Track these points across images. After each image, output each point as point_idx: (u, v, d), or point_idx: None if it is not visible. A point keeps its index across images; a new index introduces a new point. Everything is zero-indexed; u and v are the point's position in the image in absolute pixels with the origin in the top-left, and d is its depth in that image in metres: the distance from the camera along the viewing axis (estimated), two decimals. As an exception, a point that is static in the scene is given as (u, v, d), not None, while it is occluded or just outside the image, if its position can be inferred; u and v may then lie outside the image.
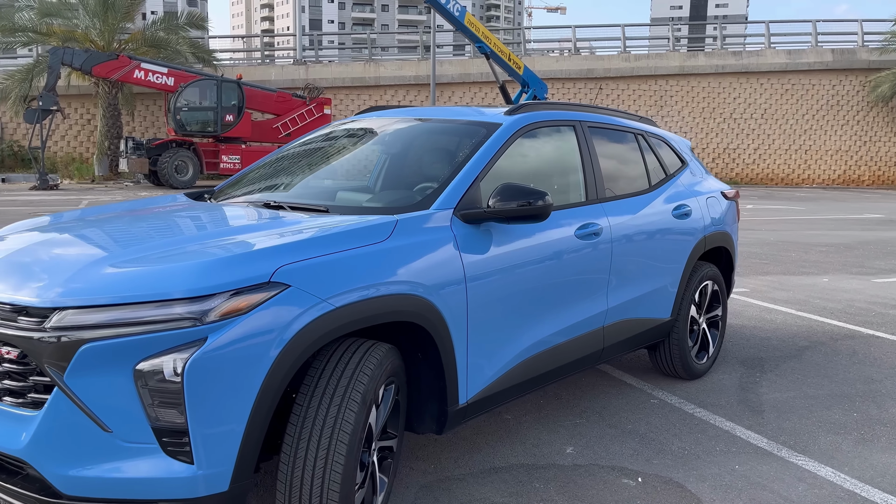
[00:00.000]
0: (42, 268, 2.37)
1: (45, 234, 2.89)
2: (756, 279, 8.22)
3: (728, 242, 4.81)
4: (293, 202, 3.13)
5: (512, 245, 3.10)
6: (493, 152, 3.23)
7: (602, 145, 3.99)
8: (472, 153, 3.21)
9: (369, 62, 29.07)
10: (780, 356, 5.20)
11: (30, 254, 2.54)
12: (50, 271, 2.32)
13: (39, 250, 2.59)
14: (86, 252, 2.48)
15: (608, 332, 3.75)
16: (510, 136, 3.36)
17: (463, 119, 3.60)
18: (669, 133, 4.81)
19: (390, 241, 2.63)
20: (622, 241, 3.76)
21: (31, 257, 2.50)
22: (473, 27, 22.09)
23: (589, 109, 4.07)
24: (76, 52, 20.31)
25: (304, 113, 23.09)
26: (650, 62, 29.68)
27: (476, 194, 3.04)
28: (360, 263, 2.48)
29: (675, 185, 4.43)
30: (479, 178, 3.10)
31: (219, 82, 21.39)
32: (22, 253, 2.55)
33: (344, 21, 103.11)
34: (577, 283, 3.47)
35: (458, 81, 29.13)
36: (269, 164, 3.83)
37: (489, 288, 2.95)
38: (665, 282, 4.18)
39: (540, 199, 2.96)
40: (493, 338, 3.01)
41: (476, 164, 3.14)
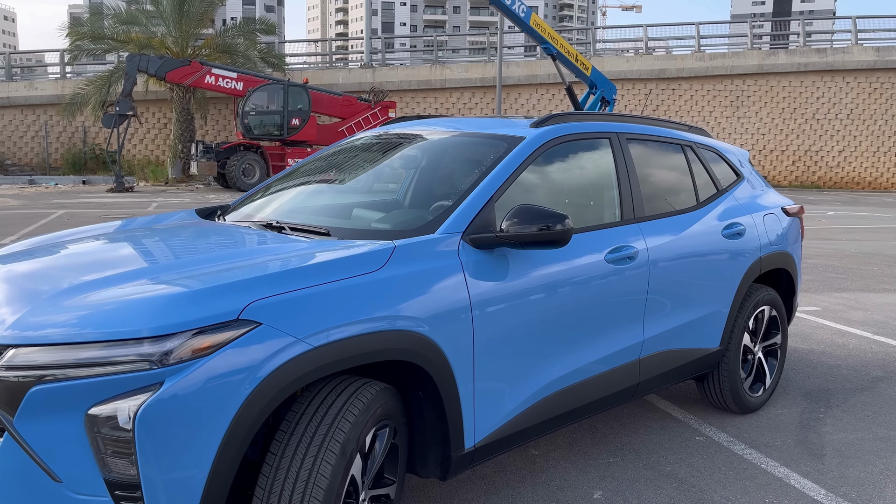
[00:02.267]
0: (6, 299, 2.24)
1: (24, 261, 2.77)
2: (830, 296, 7.61)
3: (789, 264, 4.37)
4: (296, 223, 2.93)
5: (530, 272, 2.82)
6: (513, 169, 2.96)
7: (643, 159, 3.65)
8: (488, 171, 2.94)
9: (435, 65, 28.98)
10: (850, 388, 4.71)
11: (5, 282, 2.42)
12: (11, 303, 2.18)
13: (15, 279, 2.47)
14: (51, 283, 2.34)
15: (644, 364, 3.41)
16: (533, 152, 3.08)
17: (486, 132, 3.33)
18: (724, 143, 4.41)
19: (384, 270, 2.40)
20: (661, 264, 3.42)
21: (4, 286, 2.38)
22: (539, 28, 21.68)
23: (629, 119, 3.73)
24: (151, 59, 20.94)
25: (368, 116, 23.17)
26: (726, 61, 28.53)
27: (490, 216, 2.77)
28: (346, 297, 2.25)
29: (727, 202, 4.03)
30: (493, 198, 2.83)
31: (285, 86, 21.68)
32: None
33: (416, 24, 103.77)
34: (607, 312, 3.16)
35: (524, 83, 28.72)
36: (288, 177, 3.66)
37: (501, 320, 2.68)
38: (713, 308, 3.80)
39: (559, 223, 2.67)
40: (506, 375, 2.74)
41: (491, 182, 2.87)
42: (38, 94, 28.01)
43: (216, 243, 2.78)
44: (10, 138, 28.52)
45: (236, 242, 2.79)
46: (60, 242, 3.02)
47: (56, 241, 3.05)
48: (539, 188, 3.19)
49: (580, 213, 3.27)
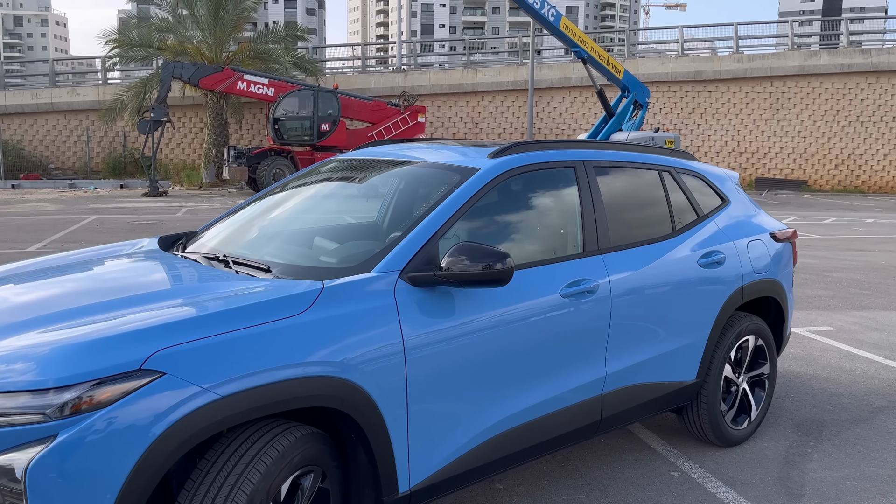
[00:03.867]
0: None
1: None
2: (847, 315, 7.35)
3: (777, 291, 4.21)
4: (242, 256, 2.92)
5: (476, 310, 2.76)
6: (461, 204, 2.90)
7: (613, 187, 3.56)
8: (435, 205, 2.89)
9: (467, 68, 28.92)
10: (847, 420, 4.52)
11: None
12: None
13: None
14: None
15: (608, 400, 3.32)
16: (486, 184, 3.01)
17: (442, 163, 3.27)
18: (710, 166, 4.27)
19: (309, 313, 2.36)
20: (626, 297, 3.32)
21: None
22: (569, 32, 21.48)
23: (599, 146, 3.64)
24: (185, 66, 21.32)
25: (398, 121, 23.24)
26: (766, 62, 27.85)
27: (433, 253, 2.72)
28: (263, 343, 2.22)
29: (707, 228, 3.90)
30: (438, 234, 2.77)
31: (315, 92, 21.87)
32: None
33: (455, 25, 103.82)
34: (563, 348, 3.07)
35: (557, 86, 28.47)
36: (253, 204, 3.65)
37: (441, 362, 2.63)
38: (687, 340, 3.68)
39: (500, 262, 2.61)
40: (447, 417, 2.68)
41: (437, 217, 2.82)
42: (80, 99, 28.79)
43: (144, 283, 2.78)
44: (53, 143, 29.38)
45: (165, 282, 2.78)
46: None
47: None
48: (493, 222, 3.13)
49: (538, 247, 3.19)
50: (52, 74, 30.11)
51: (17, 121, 29.20)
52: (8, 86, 31.54)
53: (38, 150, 29.34)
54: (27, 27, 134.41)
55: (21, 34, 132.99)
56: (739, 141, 28.53)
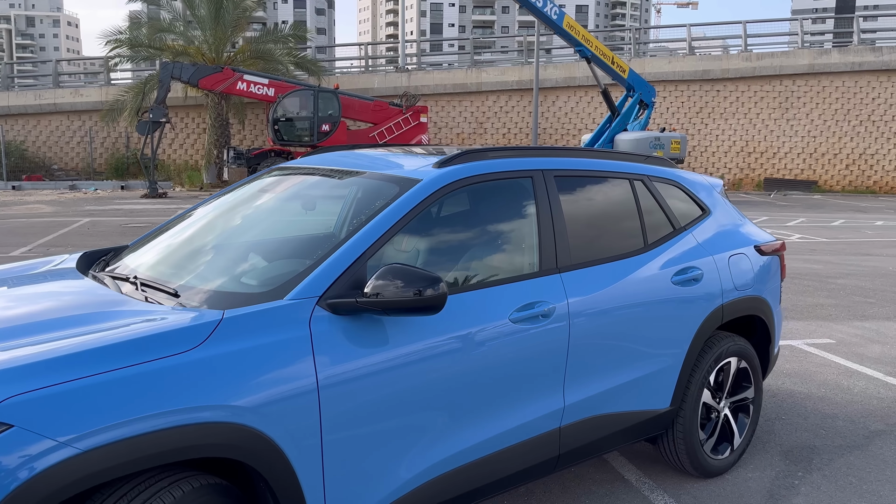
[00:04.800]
0: None
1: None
2: (850, 325, 6.99)
3: (762, 309, 3.89)
4: (152, 279, 2.65)
5: (408, 340, 2.47)
6: (396, 219, 2.61)
7: (576, 198, 3.26)
8: (366, 221, 2.60)
9: (471, 68, 28.61)
10: (840, 446, 4.20)
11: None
12: None
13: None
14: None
15: (568, 434, 3.02)
16: (426, 198, 2.72)
17: (382, 173, 2.98)
18: (690, 174, 3.95)
19: (202, 349, 2.08)
20: (588, 320, 3.02)
21: None
22: (573, 30, 21.13)
23: (561, 154, 3.33)
24: (184, 66, 21.13)
25: (400, 122, 22.98)
26: (775, 61, 27.37)
27: (359, 277, 2.44)
28: (139, 386, 1.94)
29: (684, 242, 3.59)
30: (366, 255, 2.49)
31: (316, 92, 21.63)
32: None
33: (464, 24, 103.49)
34: (512, 379, 2.78)
35: (562, 86, 28.12)
36: (187, 217, 3.36)
37: (363, 400, 2.34)
38: (659, 365, 3.37)
39: (431, 287, 2.32)
40: (372, 461, 2.40)
41: (365, 236, 2.53)
42: (83, 100, 28.72)
43: (19, 315, 2.47)
44: (56, 144, 29.32)
45: (45, 312, 2.48)
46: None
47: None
48: (437, 239, 2.84)
49: (487, 267, 2.90)
50: (56, 75, 30.05)
51: (20, 121, 29.16)
52: (20, 86, 31.55)
53: (42, 151, 29.29)
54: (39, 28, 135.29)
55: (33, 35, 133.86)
56: (748, 141, 28.07)
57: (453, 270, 2.81)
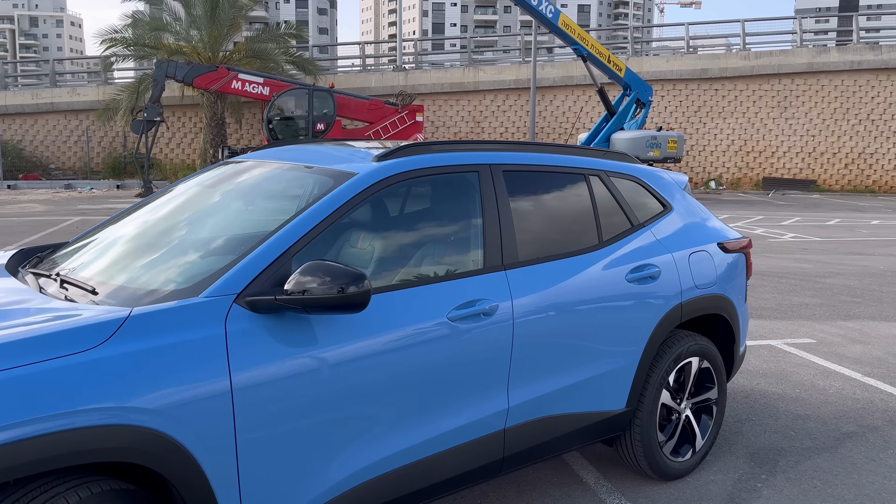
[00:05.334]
0: None
1: None
2: (833, 325, 6.89)
3: (725, 308, 3.80)
4: (73, 277, 2.57)
5: (336, 339, 2.39)
6: (327, 214, 2.53)
7: (526, 194, 3.17)
8: (294, 216, 2.52)
9: (468, 67, 28.53)
10: (809, 448, 4.10)
11: None
12: None
13: None
14: None
15: (513, 436, 2.93)
16: (362, 192, 2.64)
17: (321, 166, 2.90)
18: (652, 169, 3.86)
19: (104, 348, 2.00)
20: (534, 319, 2.94)
21: None
22: (568, 28, 21.04)
23: (511, 148, 3.25)
24: (179, 65, 21.07)
25: (396, 121, 22.90)
26: (773, 59, 27.22)
27: (284, 273, 2.36)
28: (30, 387, 1.86)
29: (641, 239, 3.50)
30: (291, 250, 2.41)
31: (310, 91, 21.56)
32: None
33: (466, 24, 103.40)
34: (450, 379, 2.69)
35: (559, 85, 28.02)
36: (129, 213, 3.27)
37: (284, 403, 2.26)
38: (613, 365, 3.28)
39: (354, 284, 2.24)
40: (293, 466, 2.31)
41: (292, 231, 2.45)
42: (80, 99, 28.71)
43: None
44: (54, 143, 29.32)
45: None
46: None
47: None
48: (373, 235, 2.76)
49: (427, 263, 2.81)
50: (53, 74, 30.04)
51: (17, 121, 29.16)
52: (21, 85, 31.54)
53: (39, 151, 29.29)
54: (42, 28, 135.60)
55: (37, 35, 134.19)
56: (746, 140, 27.94)
57: (391, 267, 2.73)
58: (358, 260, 2.68)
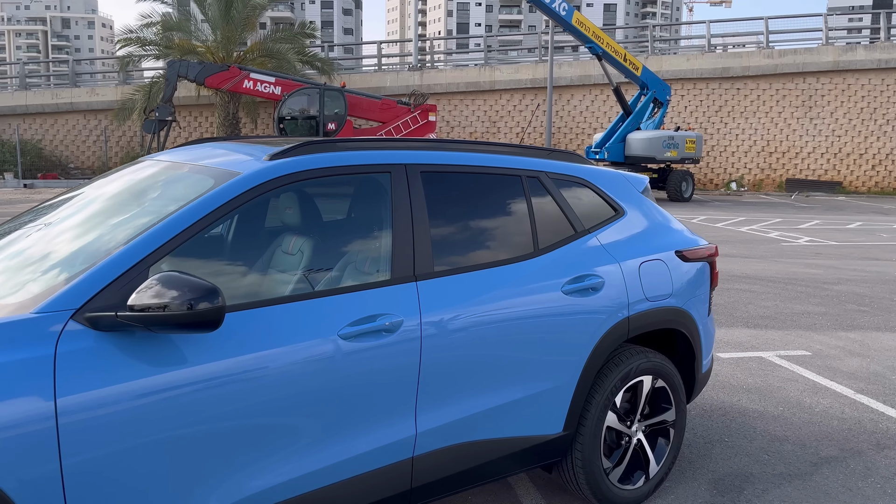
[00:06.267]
0: None
1: None
2: (833, 336, 6.49)
3: (683, 323, 3.48)
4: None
5: (201, 359, 2.13)
6: (196, 219, 2.27)
7: (449, 197, 2.89)
8: (159, 220, 2.27)
9: (484, 66, 28.22)
10: (780, 474, 3.76)
11: None
12: None
13: None
14: None
15: (423, 464, 2.65)
16: (240, 195, 2.38)
17: (207, 165, 2.65)
18: (603, 170, 3.55)
19: None
20: (448, 335, 2.66)
21: None
22: (582, 27, 20.65)
23: (432, 147, 2.97)
24: (191, 65, 21.06)
25: (408, 120, 22.68)
26: (797, 58, 26.50)
27: (138, 285, 2.10)
28: None
29: (583, 247, 3.20)
30: (147, 260, 2.15)
31: (322, 90, 21.41)
32: None
33: (491, 24, 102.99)
34: (340, 404, 2.42)
35: (577, 84, 27.59)
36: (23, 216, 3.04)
37: (126, 434, 2.00)
38: (546, 385, 2.99)
39: (205, 300, 1.98)
40: (137, 499, 2.06)
41: (151, 239, 2.20)
42: (99, 99, 28.95)
43: None
44: (73, 142, 29.60)
45: None
46: None
47: None
48: (258, 243, 2.50)
49: (322, 274, 2.55)
50: (73, 75, 30.34)
51: (38, 120, 29.50)
52: (43, 86, 31.90)
53: (59, 150, 29.59)
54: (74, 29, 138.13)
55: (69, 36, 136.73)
56: (769, 140, 27.26)
57: (279, 279, 2.47)
58: (238, 271, 2.42)
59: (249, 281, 2.40)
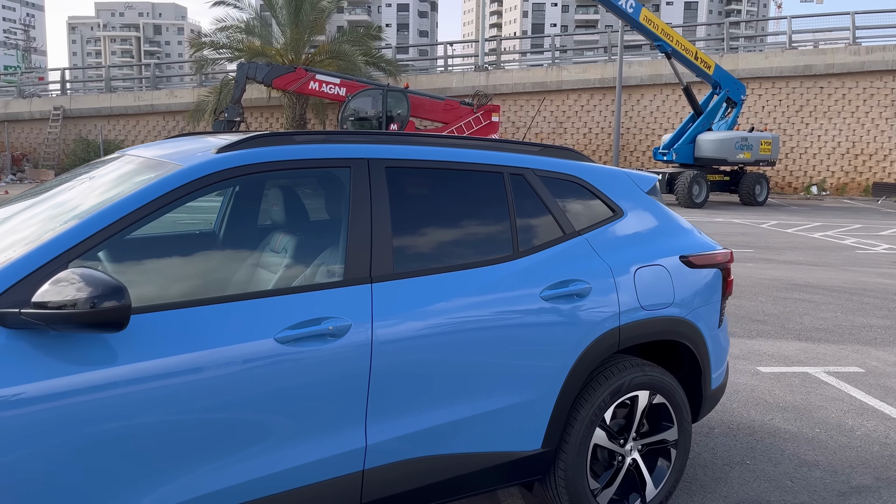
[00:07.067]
0: None
1: None
2: (891, 352, 5.96)
3: (687, 334, 3.18)
4: None
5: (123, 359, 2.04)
6: (123, 213, 2.17)
7: (416, 195, 2.72)
8: (86, 213, 2.19)
9: (551, 66, 27.78)
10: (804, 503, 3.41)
11: None
12: None
13: None
14: None
15: (376, 478, 2.49)
16: (176, 188, 2.27)
17: (154, 157, 2.56)
18: (602, 167, 3.29)
19: None
20: (403, 342, 2.48)
21: None
22: (650, 24, 20.02)
23: (401, 141, 2.79)
24: (259, 66, 21.50)
25: (471, 121, 22.49)
26: (887, 55, 24.92)
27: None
28: None
29: (572, 250, 2.96)
30: (67, 255, 2.07)
31: (385, 91, 21.49)
32: None
33: (567, 24, 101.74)
34: (275, 411, 2.28)
35: (647, 84, 26.82)
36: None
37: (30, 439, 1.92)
38: (521, 397, 2.77)
39: (110, 299, 1.88)
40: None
41: (74, 233, 2.11)
42: (177, 101, 30.02)
43: None
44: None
45: None
46: None
47: None
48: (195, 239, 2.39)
49: (262, 273, 2.42)
50: (154, 78, 31.57)
51: (121, 122, 30.84)
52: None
53: (139, 150, 30.81)
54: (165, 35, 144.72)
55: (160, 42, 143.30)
56: (855, 142, 25.76)
57: (215, 277, 2.36)
58: (167, 269, 2.32)
59: (176, 280, 2.29)
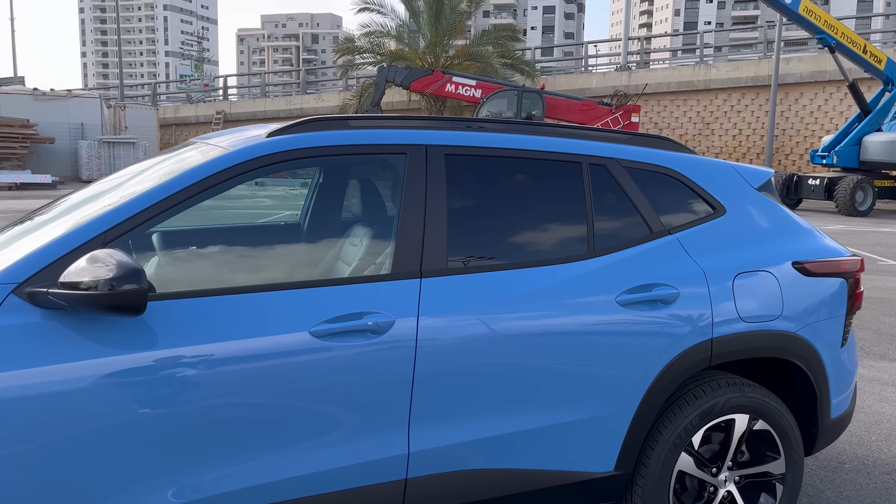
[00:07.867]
0: None
1: None
2: None
3: (799, 353, 2.73)
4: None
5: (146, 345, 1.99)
6: (162, 196, 2.13)
7: (480, 185, 2.51)
8: (129, 196, 2.16)
9: (699, 65, 26.36)
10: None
11: None
12: None
13: None
14: None
15: (419, 488, 2.30)
16: (218, 172, 2.20)
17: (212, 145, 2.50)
18: (701, 159, 2.90)
19: None
20: (451, 343, 2.28)
21: None
22: (811, 15, 18.44)
23: (461, 126, 2.58)
24: (398, 70, 21.99)
25: (609, 122, 21.76)
26: None
27: (94, 263, 2.00)
28: None
29: (659, 250, 2.62)
30: (105, 236, 2.04)
31: (520, 92, 21.27)
32: None
33: (722, 21, 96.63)
34: (307, 409, 2.15)
35: (807, 81, 24.75)
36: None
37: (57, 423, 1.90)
38: (590, 413, 2.47)
39: (128, 282, 1.83)
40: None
41: (113, 214, 2.09)
42: (324, 105, 31.38)
43: None
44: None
45: None
46: None
47: None
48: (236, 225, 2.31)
49: (305, 263, 2.30)
50: (304, 84, 33.19)
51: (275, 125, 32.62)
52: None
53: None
54: (322, 44, 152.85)
55: (317, 50, 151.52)
56: None
57: (256, 265, 2.26)
58: (201, 257, 2.25)
59: (209, 267, 2.22)
